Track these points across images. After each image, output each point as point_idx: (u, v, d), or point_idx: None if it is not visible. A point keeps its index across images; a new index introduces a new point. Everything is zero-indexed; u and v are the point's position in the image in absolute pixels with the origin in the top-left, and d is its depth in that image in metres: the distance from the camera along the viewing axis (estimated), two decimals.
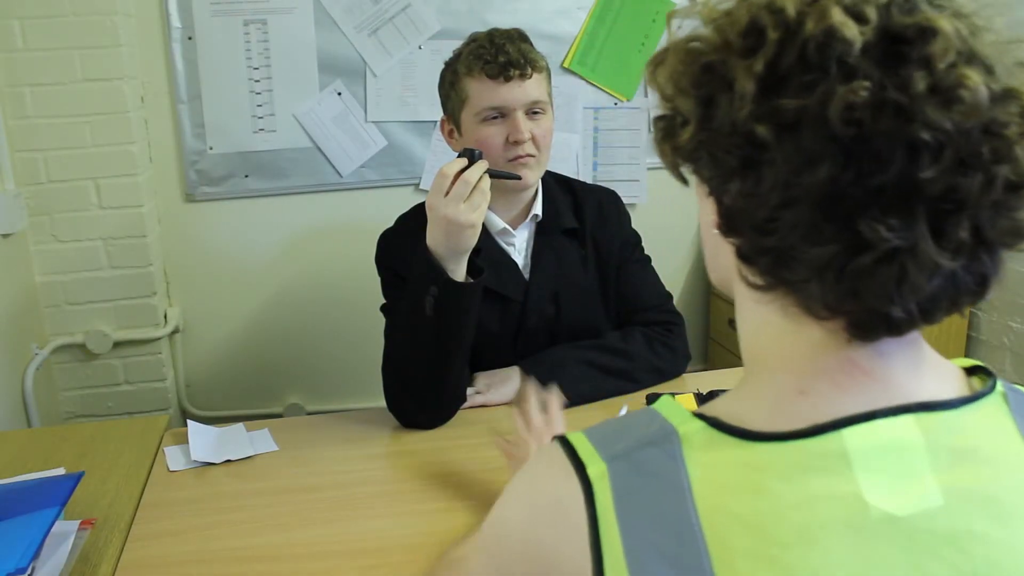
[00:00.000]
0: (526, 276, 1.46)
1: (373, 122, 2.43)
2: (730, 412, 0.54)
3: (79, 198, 2.19)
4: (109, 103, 2.15)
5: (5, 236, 2.02)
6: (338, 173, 2.44)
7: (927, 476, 0.50)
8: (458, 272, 1.24)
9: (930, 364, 0.56)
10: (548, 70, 1.42)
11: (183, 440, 1.30)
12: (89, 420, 2.30)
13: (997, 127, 0.47)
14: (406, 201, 1.56)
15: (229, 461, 1.25)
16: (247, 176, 2.40)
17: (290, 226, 2.47)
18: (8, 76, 2.09)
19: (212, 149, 2.36)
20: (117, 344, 2.30)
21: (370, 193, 2.48)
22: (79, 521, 1.06)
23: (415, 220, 1.28)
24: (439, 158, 2.44)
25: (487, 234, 1.42)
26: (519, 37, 1.38)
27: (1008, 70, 0.48)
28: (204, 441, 1.29)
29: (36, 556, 0.93)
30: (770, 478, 0.50)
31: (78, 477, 1.08)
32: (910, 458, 0.51)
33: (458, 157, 1.23)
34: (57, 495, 1.02)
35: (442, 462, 1.23)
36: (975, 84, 0.46)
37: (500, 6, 2.42)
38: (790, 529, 0.49)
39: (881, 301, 0.49)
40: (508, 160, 1.36)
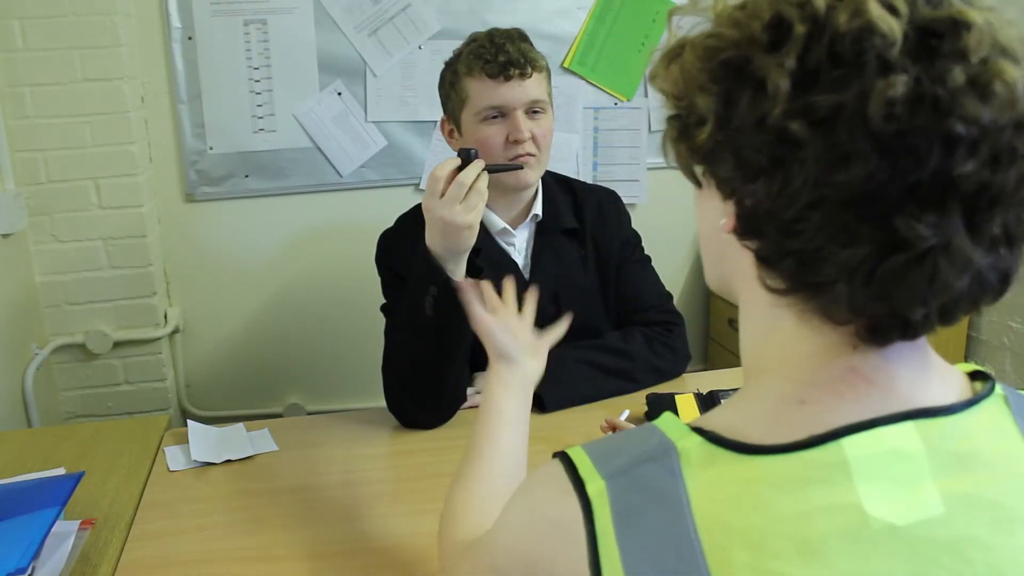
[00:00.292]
0: (526, 276, 1.46)
1: (373, 122, 2.43)
2: (728, 425, 0.54)
3: (79, 198, 2.19)
4: (109, 103, 2.15)
5: (5, 236, 2.02)
6: (338, 173, 2.44)
7: (928, 484, 0.50)
8: (457, 272, 1.24)
9: (936, 369, 0.55)
10: (548, 70, 1.42)
11: (183, 440, 1.30)
12: (89, 420, 2.30)
13: None
14: (406, 201, 1.56)
15: (229, 461, 1.25)
16: (247, 176, 2.40)
17: (290, 226, 2.47)
18: (8, 76, 2.09)
19: (212, 149, 2.36)
20: (117, 344, 2.30)
21: (370, 193, 2.48)
22: (79, 521, 1.06)
23: (415, 220, 1.28)
24: (439, 158, 2.43)
25: (487, 234, 1.42)
26: (519, 37, 1.38)
27: None
28: (204, 441, 1.29)
29: (36, 556, 0.93)
30: (769, 491, 0.50)
31: (78, 477, 1.08)
32: (911, 466, 0.50)
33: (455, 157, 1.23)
34: (57, 495, 1.02)
35: (442, 462, 1.23)
36: (1012, 78, 0.46)
37: (500, 6, 2.42)
38: (790, 542, 0.48)
39: (911, 302, 0.49)
40: (508, 160, 1.36)
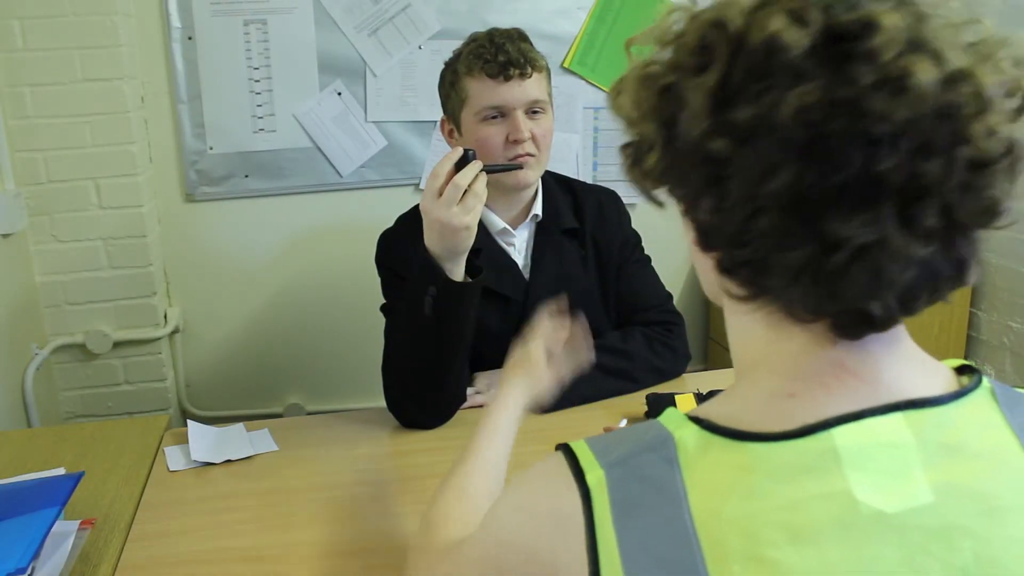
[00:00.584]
0: (526, 276, 1.46)
1: (373, 122, 2.43)
2: (723, 414, 0.55)
3: (79, 198, 2.19)
4: (109, 103, 2.15)
5: (5, 236, 2.02)
6: (338, 173, 2.44)
7: (917, 473, 0.51)
8: (456, 272, 1.24)
9: (918, 361, 0.57)
10: (548, 70, 1.42)
11: (183, 440, 1.30)
12: (89, 420, 2.29)
13: (951, 110, 0.47)
14: (406, 201, 1.56)
15: (229, 461, 1.25)
16: (247, 176, 2.40)
17: (290, 226, 2.47)
18: (8, 76, 2.09)
19: (212, 149, 2.36)
20: (117, 344, 2.30)
21: (370, 193, 2.48)
22: (79, 521, 1.06)
23: (415, 220, 1.28)
24: (439, 158, 2.42)
25: (487, 234, 1.42)
26: (519, 37, 1.38)
27: (959, 52, 0.48)
28: (204, 441, 1.29)
29: (36, 556, 0.93)
30: (762, 479, 0.51)
31: (78, 477, 1.08)
32: (900, 456, 0.51)
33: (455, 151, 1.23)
34: (57, 495, 1.02)
35: (442, 462, 1.22)
36: (921, 72, 0.46)
37: (500, 6, 2.42)
38: (782, 530, 0.49)
39: (860, 299, 0.50)
40: (508, 160, 1.36)
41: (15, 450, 1.31)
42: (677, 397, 1.32)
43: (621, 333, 1.48)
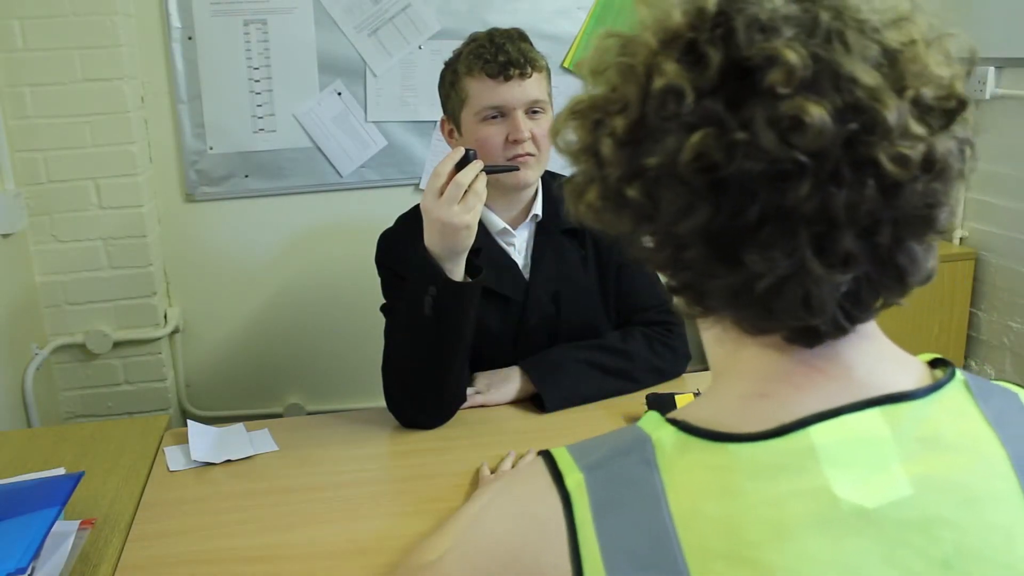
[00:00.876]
0: (526, 276, 1.46)
1: (373, 122, 2.43)
2: (700, 416, 0.55)
3: (79, 198, 2.19)
4: (109, 103, 2.15)
5: (5, 236, 2.02)
6: (338, 173, 2.44)
7: (895, 467, 0.51)
8: (456, 272, 1.24)
9: (890, 356, 0.57)
10: (548, 70, 1.42)
11: (183, 440, 1.30)
12: (89, 420, 2.29)
13: (853, 141, 0.47)
14: (406, 201, 1.56)
15: (229, 461, 1.25)
16: (247, 176, 2.40)
17: (290, 226, 2.47)
18: (8, 76, 2.09)
19: (212, 149, 2.36)
20: (117, 344, 2.30)
21: (370, 193, 2.48)
22: (79, 521, 1.06)
23: (415, 220, 1.28)
24: (439, 158, 2.41)
25: (487, 234, 1.42)
26: (519, 37, 1.38)
27: (868, 73, 0.48)
28: (204, 441, 1.29)
29: (36, 556, 0.93)
30: (741, 478, 0.51)
31: (78, 477, 1.08)
32: (878, 450, 0.51)
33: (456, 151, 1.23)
34: (57, 495, 1.02)
35: (442, 462, 1.23)
36: (815, 112, 0.46)
37: (500, 6, 2.42)
38: (763, 528, 0.49)
39: (798, 319, 0.51)
40: (508, 159, 1.36)
41: (15, 450, 1.31)
42: (677, 397, 1.32)
43: (621, 333, 1.48)
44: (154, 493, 1.17)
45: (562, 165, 0.62)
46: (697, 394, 1.33)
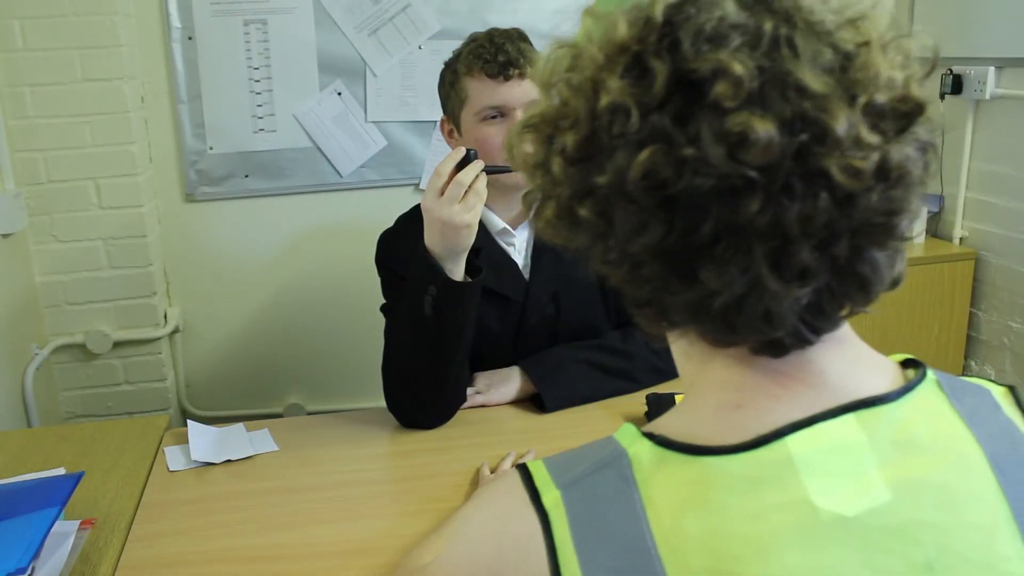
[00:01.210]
0: (526, 276, 1.46)
1: (373, 122, 2.43)
2: (676, 429, 0.54)
3: (79, 198, 2.19)
4: (109, 103, 2.15)
5: (5, 236, 2.02)
6: (338, 173, 2.44)
7: (873, 473, 0.51)
8: (456, 272, 1.24)
9: (864, 359, 0.56)
10: None
11: (183, 440, 1.30)
12: (89, 420, 2.30)
13: (801, 153, 0.46)
14: (406, 201, 1.56)
15: (229, 461, 1.25)
16: (247, 176, 2.40)
17: (290, 226, 2.47)
18: (8, 76, 2.09)
19: (212, 149, 2.36)
20: (117, 344, 2.30)
21: (370, 193, 2.48)
22: (79, 521, 1.06)
23: (415, 220, 1.28)
24: (439, 158, 2.42)
25: (487, 234, 1.42)
26: (519, 37, 1.38)
27: (819, 79, 0.47)
28: (204, 441, 1.29)
29: (36, 556, 0.93)
30: (720, 493, 0.50)
31: (78, 477, 1.08)
32: (855, 457, 0.51)
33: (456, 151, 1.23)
34: (57, 495, 1.02)
35: (442, 462, 1.23)
36: (760, 128, 0.45)
37: (500, 6, 2.42)
38: (744, 543, 0.49)
39: (758, 333, 0.51)
40: (507, 160, 1.36)
41: (15, 450, 1.31)
42: (677, 397, 1.32)
43: (621, 333, 1.48)
44: (154, 493, 1.17)
45: None
46: None
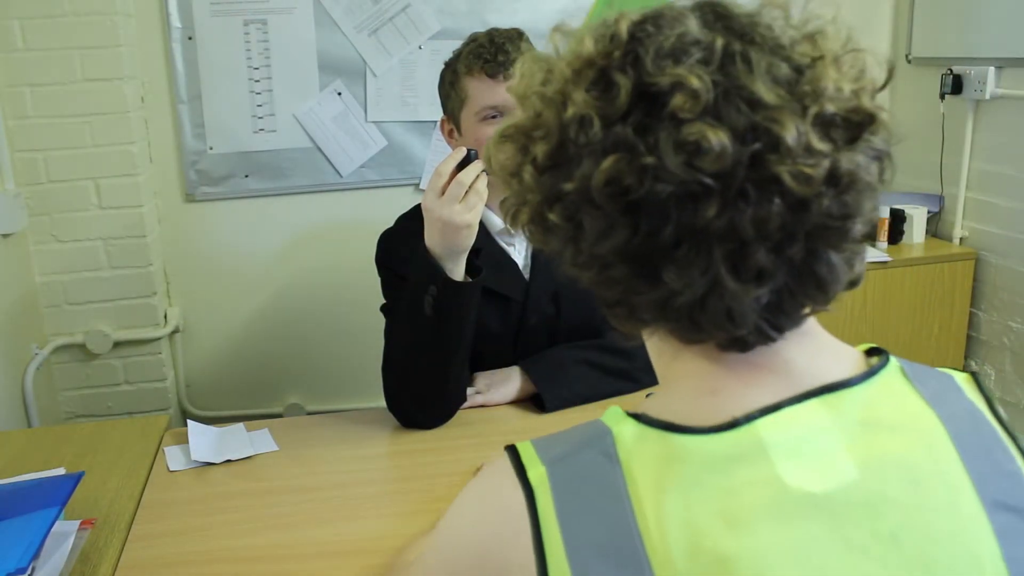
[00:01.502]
0: (526, 276, 1.46)
1: (373, 122, 2.43)
2: (657, 411, 0.57)
3: (79, 198, 2.19)
4: (109, 103, 2.15)
5: (5, 236, 2.02)
6: (338, 173, 2.44)
7: (840, 453, 0.53)
8: (456, 271, 1.24)
9: (828, 348, 0.59)
10: None
11: (183, 440, 1.30)
12: (89, 420, 2.29)
13: (754, 160, 0.49)
14: (406, 201, 1.56)
15: (229, 461, 1.25)
16: (247, 176, 2.40)
17: (290, 226, 2.47)
18: (8, 76, 2.09)
19: (212, 149, 2.36)
20: (117, 344, 2.30)
21: (370, 193, 2.48)
22: (79, 521, 1.06)
23: (415, 220, 1.28)
24: (439, 158, 2.42)
25: (487, 234, 1.42)
26: (519, 36, 1.38)
27: (772, 92, 0.50)
28: (204, 441, 1.29)
29: (36, 556, 0.93)
30: (697, 470, 0.53)
31: (78, 477, 1.08)
32: (822, 438, 0.54)
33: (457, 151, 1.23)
34: (57, 495, 1.02)
35: (442, 462, 1.23)
36: (713, 137, 0.48)
37: (500, 6, 2.42)
38: (719, 518, 0.51)
39: (724, 330, 0.54)
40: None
41: (15, 450, 1.31)
42: None
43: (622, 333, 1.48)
44: (154, 493, 1.17)
45: None
46: None
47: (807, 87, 0.51)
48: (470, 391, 1.40)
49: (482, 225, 1.36)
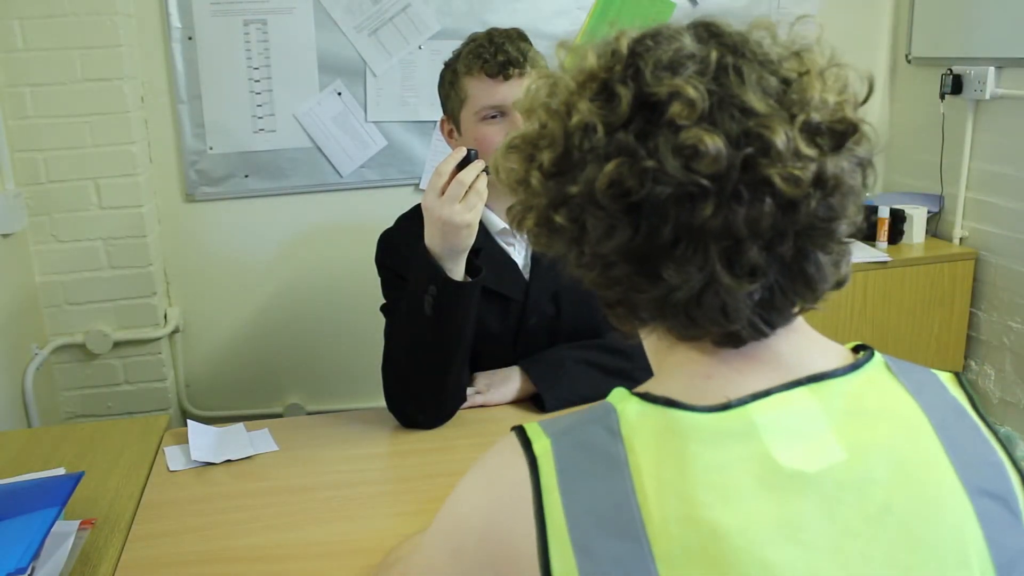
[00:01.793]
0: (526, 276, 1.46)
1: (373, 122, 2.43)
2: (657, 390, 0.60)
3: (79, 198, 2.19)
4: (109, 103, 2.15)
5: (5, 236, 2.02)
6: (338, 173, 2.44)
7: (828, 436, 0.56)
8: (456, 271, 1.24)
9: (817, 345, 0.63)
10: (548, 69, 1.42)
11: (183, 440, 1.30)
12: (89, 420, 2.29)
13: (747, 163, 0.53)
14: (406, 201, 1.56)
15: (229, 461, 1.25)
16: (247, 176, 2.40)
17: (290, 226, 2.47)
18: (8, 76, 2.09)
19: (212, 149, 2.36)
20: (117, 344, 2.30)
21: (370, 193, 2.48)
22: (79, 521, 1.06)
23: (415, 220, 1.28)
24: (439, 158, 2.42)
25: (487, 234, 1.42)
26: (518, 36, 1.38)
27: (762, 101, 0.54)
28: (204, 441, 1.29)
29: (36, 556, 0.93)
30: (694, 445, 0.55)
31: (78, 477, 1.08)
32: (810, 422, 0.57)
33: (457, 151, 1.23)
34: (57, 495, 1.02)
35: (442, 462, 1.23)
36: (709, 141, 0.52)
37: (500, 6, 2.42)
38: (714, 491, 0.54)
39: (717, 325, 0.57)
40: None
41: (15, 450, 1.31)
42: None
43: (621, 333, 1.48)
44: (154, 493, 1.17)
45: None
46: None
47: (795, 97, 0.55)
48: (470, 391, 1.40)
49: (482, 225, 1.36)
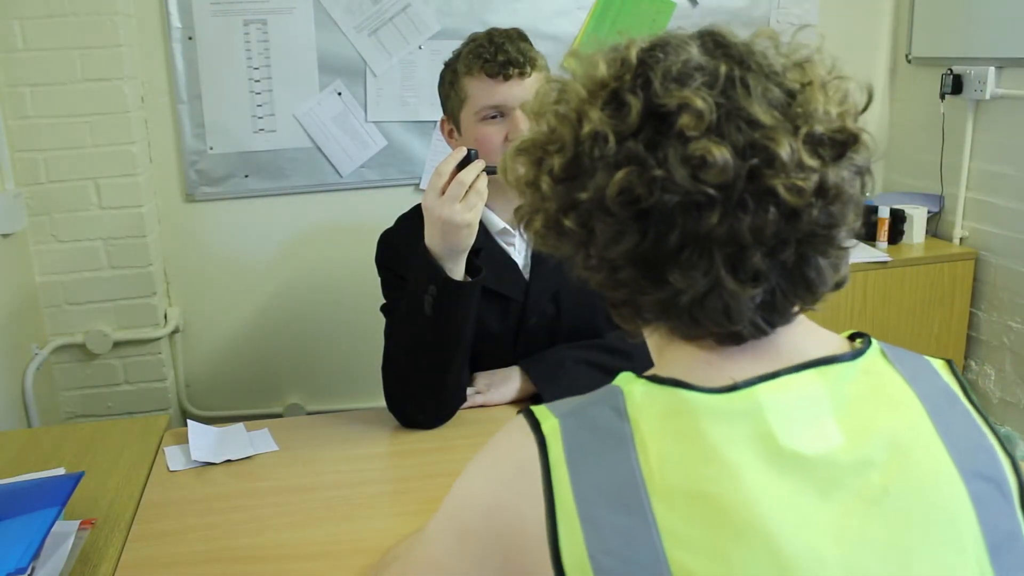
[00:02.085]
0: (526, 276, 1.46)
1: (373, 122, 2.43)
2: (665, 372, 0.62)
3: (79, 198, 2.19)
4: (109, 103, 2.15)
5: (5, 236, 2.02)
6: (338, 173, 2.44)
7: (828, 420, 0.58)
8: (456, 271, 1.24)
9: (815, 334, 0.65)
10: (548, 69, 1.42)
11: (183, 440, 1.30)
12: (89, 420, 2.29)
13: (752, 173, 0.55)
14: (406, 201, 1.56)
15: (229, 461, 1.25)
16: (247, 176, 2.40)
17: (290, 226, 2.47)
18: (8, 76, 2.09)
19: (212, 149, 2.36)
20: (117, 344, 2.30)
21: (370, 193, 2.48)
22: (79, 521, 1.06)
23: (415, 220, 1.28)
24: (439, 158, 2.42)
25: (487, 234, 1.42)
26: (518, 36, 1.38)
27: (767, 113, 0.56)
28: (204, 441, 1.29)
29: (36, 556, 0.93)
30: (700, 422, 0.57)
31: (78, 477, 1.08)
32: (814, 406, 0.59)
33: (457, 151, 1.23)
34: (57, 495, 1.02)
35: (442, 462, 1.23)
36: (717, 153, 0.54)
37: (500, 6, 2.42)
38: (717, 466, 0.55)
39: (720, 326, 0.59)
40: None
41: (15, 450, 1.31)
42: None
43: (621, 333, 1.48)
44: (154, 493, 1.17)
45: None
46: None
47: (798, 109, 0.57)
48: (470, 391, 1.40)
49: (482, 225, 1.36)
